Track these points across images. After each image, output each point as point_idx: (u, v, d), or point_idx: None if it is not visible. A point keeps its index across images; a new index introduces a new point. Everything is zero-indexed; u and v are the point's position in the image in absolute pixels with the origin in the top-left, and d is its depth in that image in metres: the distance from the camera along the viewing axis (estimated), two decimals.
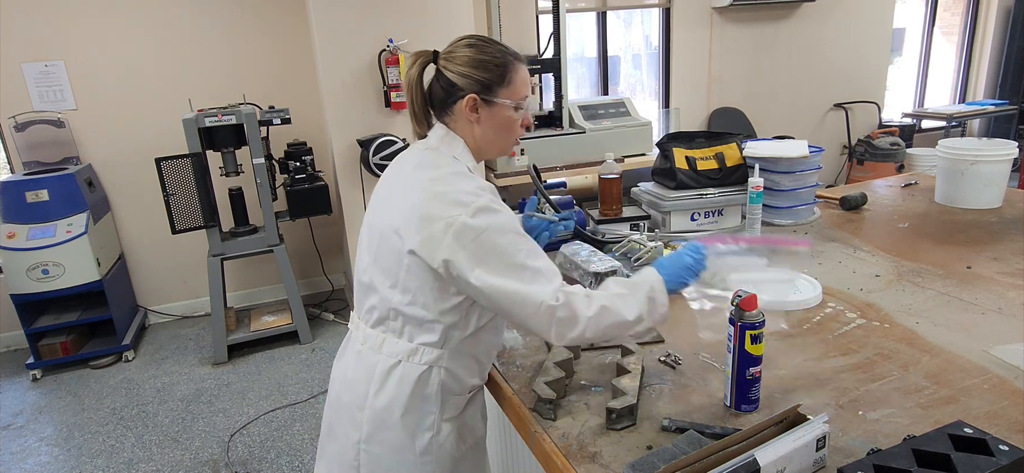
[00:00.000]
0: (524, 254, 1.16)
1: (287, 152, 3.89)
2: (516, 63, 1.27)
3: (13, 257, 3.50)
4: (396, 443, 1.29)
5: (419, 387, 1.26)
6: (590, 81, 5.44)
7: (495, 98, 1.25)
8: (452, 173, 1.22)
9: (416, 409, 1.27)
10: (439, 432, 1.30)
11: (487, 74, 1.24)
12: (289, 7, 4.20)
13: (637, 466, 1.02)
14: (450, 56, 1.26)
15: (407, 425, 1.28)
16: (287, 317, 4.00)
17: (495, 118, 1.27)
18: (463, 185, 1.19)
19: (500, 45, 1.27)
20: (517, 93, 1.27)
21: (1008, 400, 1.17)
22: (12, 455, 2.99)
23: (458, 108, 1.26)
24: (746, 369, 1.14)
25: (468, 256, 1.14)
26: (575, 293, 1.16)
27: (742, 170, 2.23)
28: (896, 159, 5.44)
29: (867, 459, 0.91)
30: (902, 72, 6.86)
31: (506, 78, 1.25)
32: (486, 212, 1.16)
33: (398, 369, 1.27)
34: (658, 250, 1.91)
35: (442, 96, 1.27)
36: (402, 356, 1.27)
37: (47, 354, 3.72)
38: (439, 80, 1.27)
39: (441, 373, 1.27)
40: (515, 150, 1.26)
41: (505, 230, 1.16)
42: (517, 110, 1.28)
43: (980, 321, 1.49)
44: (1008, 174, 2.38)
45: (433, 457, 1.31)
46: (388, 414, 1.27)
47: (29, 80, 3.82)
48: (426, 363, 1.26)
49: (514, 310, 1.16)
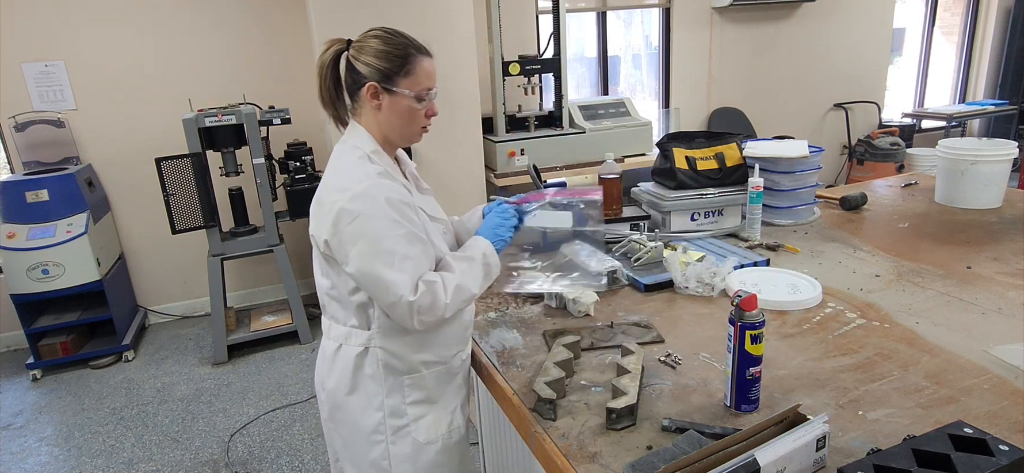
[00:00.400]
0: (395, 240, 1.24)
1: (287, 152, 3.89)
2: (418, 55, 1.33)
3: (13, 257, 3.50)
4: (349, 422, 1.41)
5: (359, 368, 1.37)
6: (590, 81, 5.44)
7: (395, 87, 1.31)
8: (346, 162, 1.32)
9: (361, 389, 1.38)
10: (398, 415, 1.38)
11: (388, 64, 1.30)
12: (289, 7, 4.20)
13: (637, 466, 1.02)
14: (359, 46, 1.32)
15: (356, 405, 1.39)
16: (287, 317, 4.00)
17: (396, 106, 1.33)
18: (352, 172, 1.28)
19: (406, 38, 1.34)
20: (417, 84, 1.33)
21: (1008, 400, 1.17)
22: (12, 455, 2.99)
23: (362, 95, 1.33)
24: (746, 369, 1.14)
25: (342, 240, 1.24)
26: (435, 282, 1.27)
27: (742, 170, 2.23)
28: (896, 159, 5.44)
29: (867, 459, 0.91)
30: (902, 72, 6.86)
31: (405, 68, 1.31)
32: (363, 197, 1.23)
33: (340, 352, 1.39)
34: (658, 250, 1.91)
35: (350, 83, 1.35)
36: (341, 339, 1.38)
37: (47, 354, 3.72)
38: (350, 69, 1.34)
39: (379, 353, 1.36)
40: (421, 136, 1.40)
41: (379, 216, 1.23)
42: (420, 101, 1.34)
43: (980, 321, 1.49)
44: (1008, 174, 2.38)
45: (386, 437, 1.39)
46: (338, 394, 1.40)
47: (29, 80, 3.82)
48: (361, 344, 1.36)
49: (379, 297, 1.27)
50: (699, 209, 2.21)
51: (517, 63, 4.08)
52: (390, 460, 1.40)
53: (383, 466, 1.41)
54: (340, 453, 1.49)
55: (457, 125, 4.00)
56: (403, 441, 1.40)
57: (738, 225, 2.25)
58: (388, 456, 1.40)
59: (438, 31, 3.87)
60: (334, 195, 1.26)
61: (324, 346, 1.44)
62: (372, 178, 1.26)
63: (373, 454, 1.41)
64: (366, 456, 1.41)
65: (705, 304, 1.67)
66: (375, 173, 1.28)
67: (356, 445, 1.42)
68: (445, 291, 1.28)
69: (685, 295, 1.73)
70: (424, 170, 3.98)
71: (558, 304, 1.69)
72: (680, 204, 2.19)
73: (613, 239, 2.07)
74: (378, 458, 1.41)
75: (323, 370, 1.44)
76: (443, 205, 1.55)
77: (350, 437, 1.43)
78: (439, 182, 4.04)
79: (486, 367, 1.44)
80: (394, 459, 1.40)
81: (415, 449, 1.40)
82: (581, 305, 1.63)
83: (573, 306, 1.64)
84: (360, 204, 1.23)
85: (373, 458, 1.41)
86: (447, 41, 3.91)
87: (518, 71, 4.09)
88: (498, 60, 4.02)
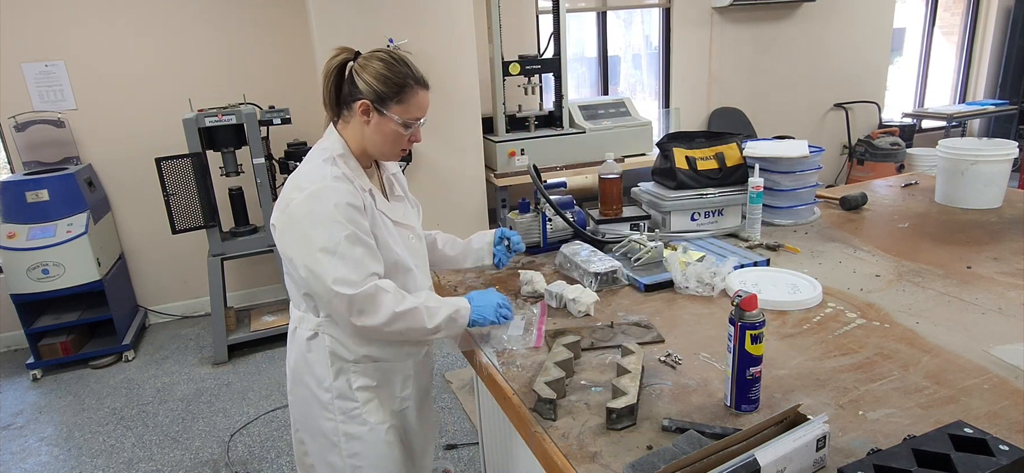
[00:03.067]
0: (336, 240, 1.31)
1: (287, 152, 3.90)
2: (416, 86, 1.41)
3: (13, 257, 3.50)
4: (304, 397, 1.52)
5: (309, 350, 1.48)
6: (590, 81, 5.44)
7: (386, 110, 1.39)
8: (312, 165, 1.40)
9: (312, 371, 1.48)
10: (346, 398, 1.48)
11: (385, 88, 1.38)
12: (289, 7, 4.20)
13: (637, 466, 1.02)
14: (364, 63, 1.40)
15: (309, 382, 1.50)
16: (287, 317, 3.99)
17: (383, 127, 1.41)
18: (311, 174, 1.37)
19: (408, 67, 1.41)
20: (408, 113, 1.41)
21: (1008, 400, 1.17)
22: (12, 455, 2.99)
23: (355, 108, 1.41)
24: (746, 369, 1.14)
25: (290, 234, 1.35)
26: (387, 290, 1.35)
27: (742, 170, 2.23)
28: (896, 159, 5.44)
29: (867, 459, 0.91)
30: (902, 72, 6.86)
31: (400, 96, 1.39)
32: (314, 198, 1.32)
33: (296, 333, 1.51)
34: (658, 250, 1.91)
35: (346, 93, 1.43)
36: (297, 322, 1.51)
37: (47, 354, 3.72)
38: (350, 80, 1.41)
39: (326, 339, 1.46)
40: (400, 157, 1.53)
41: (324, 218, 1.31)
42: (406, 127, 1.42)
43: (980, 321, 1.49)
44: (1008, 174, 2.38)
45: (335, 417, 1.49)
46: (295, 371, 1.53)
47: (29, 80, 3.82)
48: (311, 329, 1.47)
49: (316, 290, 1.36)
50: (699, 209, 2.21)
51: (517, 63, 4.08)
52: (339, 435, 1.50)
53: (333, 440, 1.51)
54: (298, 423, 1.60)
55: (457, 125, 4.00)
56: (353, 421, 1.50)
57: (738, 225, 2.25)
58: (338, 431, 1.50)
59: (438, 31, 3.87)
60: (291, 192, 1.37)
61: (289, 327, 1.58)
62: (326, 181, 1.35)
63: (325, 427, 1.51)
64: (320, 428, 1.52)
65: (705, 304, 1.67)
66: (331, 177, 1.36)
67: (311, 418, 1.53)
68: (397, 302, 1.35)
69: (685, 295, 1.73)
70: (424, 170, 3.98)
71: (558, 304, 1.69)
72: (680, 204, 2.19)
73: (613, 239, 2.07)
74: (329, 431, 1.51)
75: (288, 346, 1.57)
76: (443, 205, 1.59)
77: (305, 411, 1.54)
78: (439, 182, 4.05)
79: (486, 367, 1.44)
80: (344, 435, 1.50)
81: (365, 428, 1.51)
82: (581, 305, 1.63)
83: (573, 306, 1.64)
84: (309, 204, 1.33)
85: (325, 430, 1.52)
86: (447, 41, 3.91)
87: (518, 71, 4.09)
88: (498, 60, 4.02)
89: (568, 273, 1.91)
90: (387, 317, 1.34)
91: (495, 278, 1.94)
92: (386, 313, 1.34)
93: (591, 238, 2.07)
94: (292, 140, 4.03)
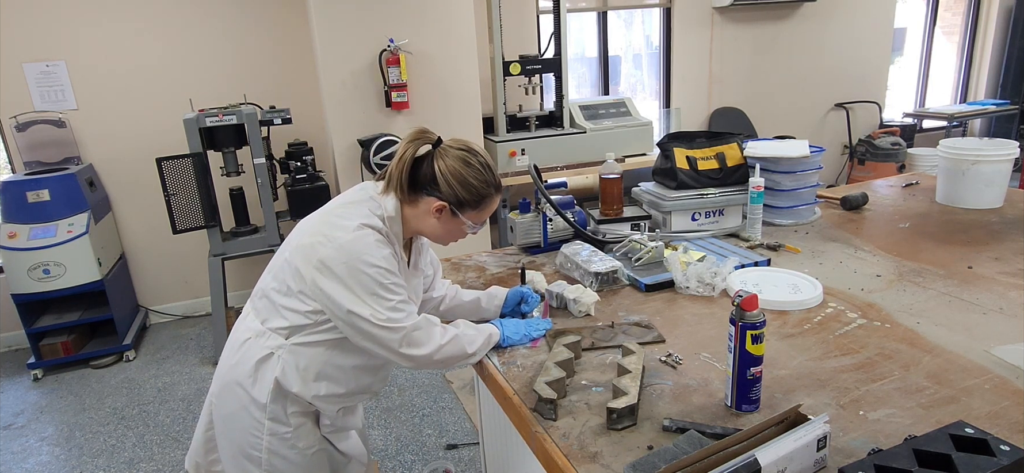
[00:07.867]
0: (386, 282, 1.31)
1: (288, 152, 3.89)
2: (494, 195, 1.41)
3: (14, 257, 3.50)
4: (233, 408, 1.43)
5: (259, 366, 1.40)
6: (591, 81, 5.44)
7: (461, 214, 1.39)
8: (357, 210, 1.36)
9: (251, 385, 1.40)
10: (279, 422, 1.42)
11: (468, 196, 1.37)
12: (290, 7, 4.20)
13: (638, 466, 1.02)
14: (448, 163, 1.36)
15: (241, 397, 1.41)
16: None
17: (450, 225, 1.41)
18: (353, 219, 1.33)
19: (491, 174, 1.40)
20: (480, 218, 1.42)
21: (1009, 400, 1.17)
22: (13, 455, 2.99)
23: (429, 201, 1.38)
24: (747, 369, 1.14)
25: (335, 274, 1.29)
26: (434, 323, 1.38)
27: (743, 170, 2.23)
28: (897, 159, 5.43)
29: (868, 459, 0.91)
30: (903, 72, 6.86)
31: (479, 205, 1.39)
32: (361, 241, 1.29)
33: (248, 344, 1.42)
34: (659, 250, 1.91)
35: (422, 181, 1.38)
36: (252, 334, 1.43)
37: (48, 354, 3.72)
38: (429, 165, 1.37)
39: (280, 363, 1.39)
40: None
41: (370, 264, 1.29)
42: (470, 226, 1.42)
43: (981, 321, 1.49)
44: (1009, 174, 2.38)
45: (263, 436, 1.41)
46: (231, 378, 1.42)
47: (30, 80, 3.82)
48: (269, 348, 1.40)
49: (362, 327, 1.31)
50: (700, 209, 2.21)
51: (518, 63, 4.08)
52: (263, 452, 1.43)
53: (254, 456, 1.43)
54: (216, 424, 1.51)
55: (457, 125, 4.00)
56: (283, 443, 1.43)
57: (739, 225, 2.25)
58: (261, 447, 1.43)
59: (438, 31, 3.87)
60: (333, 233, 1.32)
61: (235, 333, 1.49)
62: (369, 240, 1.31)
63: (250, 441, 1.43)
64: (243, 442, 1.44)
65: (706, 304, 1.67)
66: (374, 240, 1.32)
67: (234, 430, 1.45)
68: (442, 333, 1.38)
69: (686, 295, 1.72)
70: None
71: (559, 304, 1.69)
72: (681, 204, 2.19)
73: (614, 239, 2.07)
74: (252, 446, 1.43)
75: (226, 352, 1.48)
76: None
77: (230, 421, 1.45)
78: None
79: (487, 367, 1.44)
80: (267, 450, 1.43)
81: (293, 452, 1.45)
82: (581, 305, 1.63)
83: (574, 306, 1.64)
84: (354, 247, 1.29)
85: (249, 444, 1.43)
86: (447, 41, 3.91)
87: (519, 71, 4.09)
88: (499, 60, 4.02)
89: (569, 273, 1.91)
90: (436, 347, 1.37)
91: (497, 279, 1.94)
92: (435, 344, 1.37)
93: (592, 238, 2.07)
94: (293, 140, 4.02)
